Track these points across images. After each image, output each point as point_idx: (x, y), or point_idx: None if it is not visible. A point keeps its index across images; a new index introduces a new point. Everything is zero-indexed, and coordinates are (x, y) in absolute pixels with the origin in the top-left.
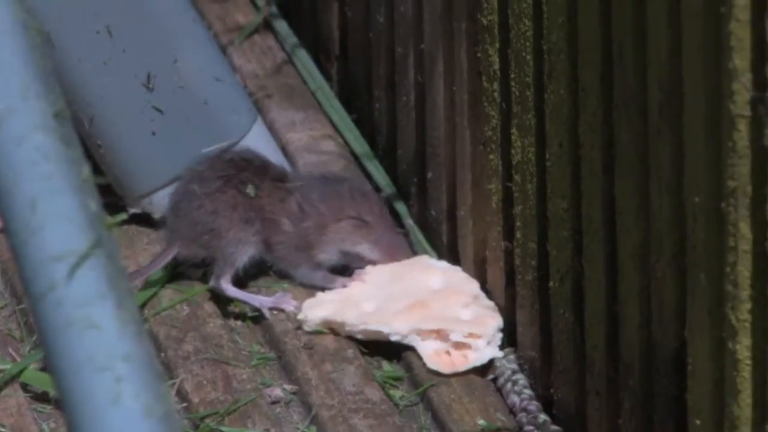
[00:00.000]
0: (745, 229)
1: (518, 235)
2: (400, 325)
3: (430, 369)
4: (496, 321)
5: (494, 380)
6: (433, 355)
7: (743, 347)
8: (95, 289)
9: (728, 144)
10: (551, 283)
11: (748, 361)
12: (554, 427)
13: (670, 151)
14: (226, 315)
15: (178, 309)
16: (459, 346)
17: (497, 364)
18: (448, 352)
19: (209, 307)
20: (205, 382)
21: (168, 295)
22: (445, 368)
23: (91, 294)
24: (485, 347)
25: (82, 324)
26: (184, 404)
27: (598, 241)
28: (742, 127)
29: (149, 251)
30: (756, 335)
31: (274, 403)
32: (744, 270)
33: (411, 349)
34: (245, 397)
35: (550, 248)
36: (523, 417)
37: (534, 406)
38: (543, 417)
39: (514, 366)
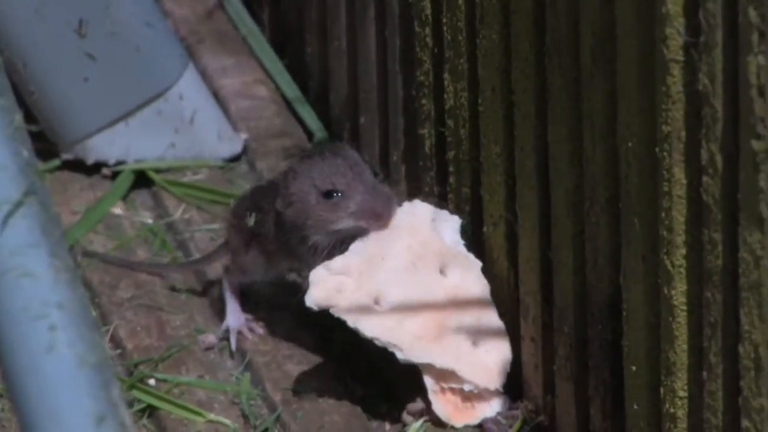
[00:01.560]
0: (679, 174)
1: (451, 180)
2: (414, 353)
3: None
4: (503, 363)
5: None
6: (443, 402)
7: (678, 293)
8: (29, 237)
9: (662, 89)
10: (485, 229)
11: (684, 307)
12: None
13: (603, 96)
14: (159, 261)
15: (111, 254)
16: (469, 396)
17: None
18: (458, 400)
19: (143, 253)
20: (139, 328)
21: (101, 241)
22: (456, 421)
23: (25, 242)
24: (494, 399)
25: (16, 272)
26: (119, 351)
27: (531, 187)
28: (676, 72)
29: (82, 197)
30: (691, 280)
31: (207, 349)
32: (678, 215)
33: None
34: (179, 344)
35: (483, 193)
36: None
37: None
38: None
39: None
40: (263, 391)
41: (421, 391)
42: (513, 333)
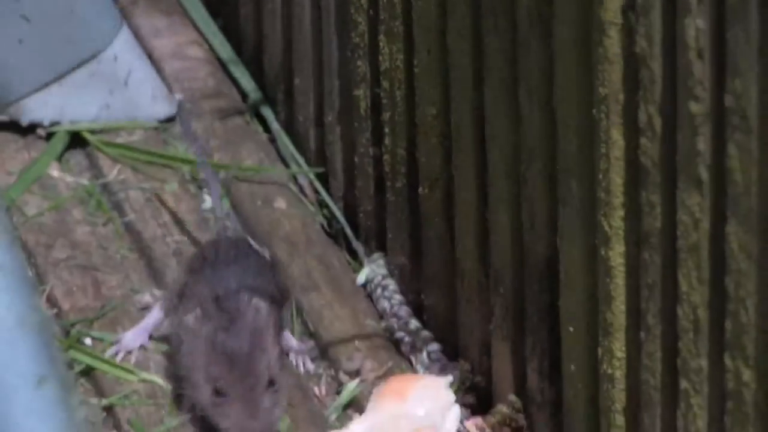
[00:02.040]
0: (617, 136)
1: (387, 141)
2: None
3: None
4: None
5: (364, 286)
6: None
7: (616, 254)
8: None
9: (599, 51)
10: (421, 190)
11: (622, 268)
12: (425, 333)
13: (540, 58)
14: (94, 222)
15: (46, 216)
16: None
17: (367, 269)
18: None
19: (78, 213)
20: (75, 288)
21: (36, 202)
22: None
23: None
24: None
25: None
26: (54, 311)
27: (467, 149)
28: (613, 34)
29: (17, 158)
30: (629, 242)
31: (143, 309)
32: (616, 177)
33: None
34: (115, 304)
35: (419, 155)
36: (393, 323)
37: (404, 311)
38: (414, 323)
39: (384, 271)
40: None
41: (358, 351)
42: (449, 294)
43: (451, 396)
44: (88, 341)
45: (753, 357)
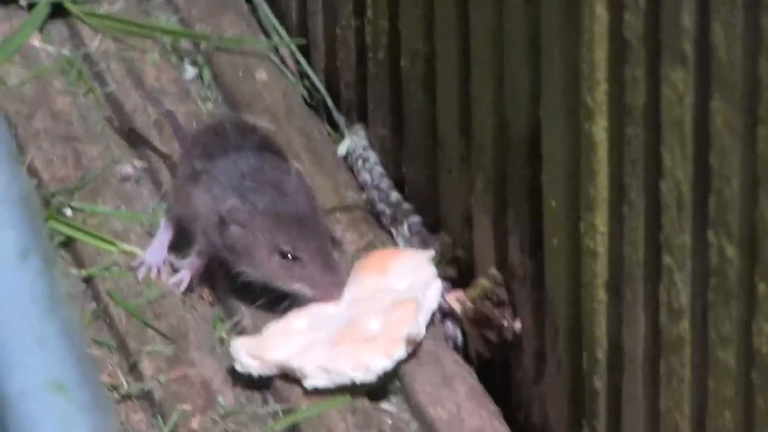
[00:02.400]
0: (601, 10)
1: (369, 13)
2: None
3: None
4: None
5: (345, 158)
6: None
7: (599, 128)
8: None
9: None
10: (403, 62)
11: (605, 143)
12: (406, 206)
13: None
14: (75, 92)
15: (27, 86)
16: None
17: (348, 140)
18: None
19: (59, 83)
20: (55, 159)
21: (17, 72)
22: None
23: None
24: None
25: None
26: (35, 181)
27: (449, 20)
28: None
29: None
30: (612, 116)
31: (124, 179)
32: (600, 51)
33: None
34: (95, 174)
35: (401, 26)
36: (374, 195)
37: (385, 183)
38: (395, 195)
39: (365, 143)
40: None
41: (338, 223)
42: (431, 166)
43: (432, 270)
44: (68, 212)
45: (736, 233)
